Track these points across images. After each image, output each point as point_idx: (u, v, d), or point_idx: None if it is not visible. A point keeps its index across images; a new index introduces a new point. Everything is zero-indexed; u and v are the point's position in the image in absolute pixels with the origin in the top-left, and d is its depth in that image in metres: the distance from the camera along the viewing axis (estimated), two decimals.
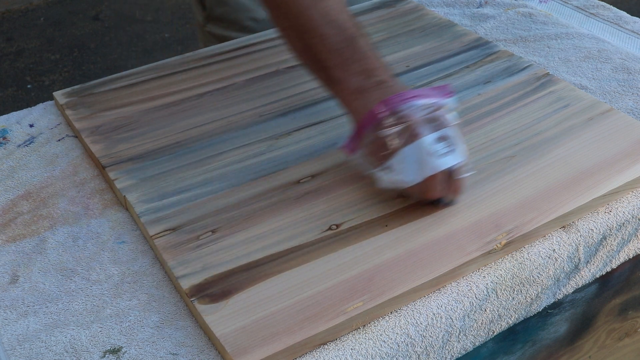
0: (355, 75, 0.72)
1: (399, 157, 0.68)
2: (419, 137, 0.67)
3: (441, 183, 0.69)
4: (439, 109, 0.69)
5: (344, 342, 0.61)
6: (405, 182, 0.69)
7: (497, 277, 0.68)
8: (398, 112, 0.68)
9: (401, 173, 0.68)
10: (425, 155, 0.67)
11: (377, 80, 0.72)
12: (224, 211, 0.72)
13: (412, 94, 0.69)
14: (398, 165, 0.68)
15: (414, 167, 0.68)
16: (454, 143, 0.69)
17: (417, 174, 0.68)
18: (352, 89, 0.72)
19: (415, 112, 0.68)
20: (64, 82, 2.69)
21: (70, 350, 0.60)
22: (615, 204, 0.76)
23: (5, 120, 0.89)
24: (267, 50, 1.00)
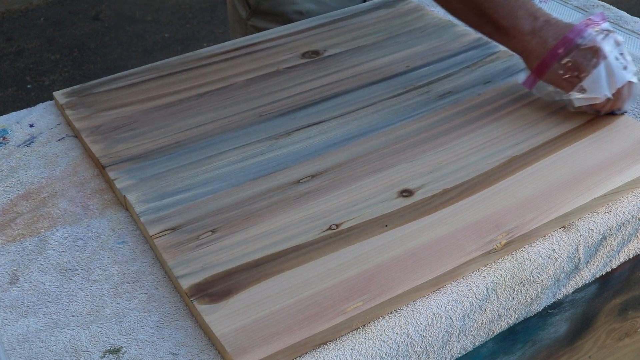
0: (523, 20, 0.83)
1: (592, 77, 0.80)
2: (605, 57, 0.80)
3: (627, 92, 0.82)
4: (609, 31, 0.82)
5: (344, 342, 0.61)
6: (601, 97, 0.81)
7: (497, 277, 0.68)
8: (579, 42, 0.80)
9: (596, 90, 0.80)
10: (616, 69, 0.80)
11: (544, 20, 0.83)
12: (224, 211, 0.73)
13: (582, 25, 0.81)
14: (592, 85, 0.80)
15: (607, 83, 0.80)
16: (627, 57, 0.82)
17: (611, 88, 0.80)
18: (525, 32, 0.83)
19: (593, 37, 0.80)
20: (64, 82, 2.69)
21: (70, 350, 0.60)
22: (615, 204, 0.76)
23: (5, 120, 0.89)
24: (267, 50, 1.00)
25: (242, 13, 1.21)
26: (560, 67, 0.81)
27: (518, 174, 0.76)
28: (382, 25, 1.06)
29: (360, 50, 1.00)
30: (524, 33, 0.83)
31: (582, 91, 0.81)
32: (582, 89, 0.81)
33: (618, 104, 0.83)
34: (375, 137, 0.82)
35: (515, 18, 0.83)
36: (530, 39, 0.83)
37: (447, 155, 0.79)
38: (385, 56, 0.98)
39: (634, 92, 0.83)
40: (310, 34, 1.04)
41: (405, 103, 0.88)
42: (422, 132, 0.83)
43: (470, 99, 0.89)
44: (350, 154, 0.80)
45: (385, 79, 0.93)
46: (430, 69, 0.95)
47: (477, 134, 0.83)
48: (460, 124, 0.84)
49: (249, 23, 1.20)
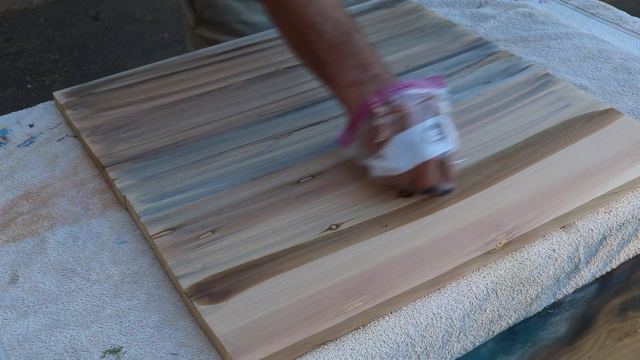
0: (351, 70, 0.74)
1: (391, 144, 0.69)
2: (411, 125, 0.69)
3: (433, 170, 0.70)
4: (431, 98, 0.71)
5: (344, 342, 0.61)
6: (397, 169, 0.70)
7: (497, 277, 0.68)
8: (391, 102, 0.70)
9: (393, 160, 0.70)
10: (417, 142, 0.69)
11: (372, 74, 0.73)
12: (224, 211, 0.72)
13: (404, 84, 0.71)
14: (391, 153, 0.70)
15: (407, 154, 0.69)
16: (446, 131, 0.71)
17: (409, 161, 0.69)
18: (348, 83, 0.74)
19: (407, 101, 0.70)
20: (64, 82, 2.69)
21: (70, 350, 0.60)
22: (615, 204, 0.76)
23: (5, 120, 0.89)
24: (267, 50, 1.00)
25: (190, 21, 1.17)
26: (367, 127, 0.71)
27: (518, 174, 0.76)
28: (382, 25, 1.06)
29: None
30: (346, 84, 0.73)
31: (379, 158, 0.71)
32: (380, 156, 0.70)
33: (424, 181, 0.70)
34: None
35: (343, 66, 0.74)
36: (350, 92, 0.73)
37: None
38: (385, 56, 0.98)
39: (449, 172, 0.71)
40: None
41: None
42: None
43: (470, 99, 0.89)
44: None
45: None
46: (430, 69, 0.95)
47: (477, 134, 0.83)
48: (460, 124, 0.84)
49: (196, 32, 1.16)
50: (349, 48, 0.74)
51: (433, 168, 0.70)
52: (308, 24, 0.75)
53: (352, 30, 0.76)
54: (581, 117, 0.85)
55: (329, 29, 0.75)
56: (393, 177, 0.71)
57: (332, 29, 0.75)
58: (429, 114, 0.70)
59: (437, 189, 0.72)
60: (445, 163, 0.71)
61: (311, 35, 0.75)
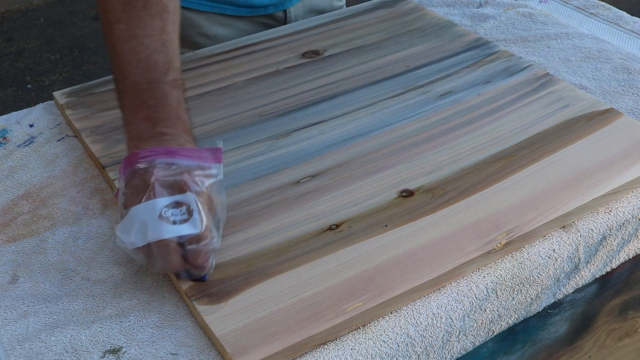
0: (141, 122, 0.67)
1: (128, 215, 0.62)
2: (150, 197, 0.61)
3: (172, 254, 0.61)
4: (189, 172, 0.63)
5: (344, 342, 0.61)
6: (125, 244, 0.62)
7: (497, 277, 0.68)
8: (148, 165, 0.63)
9: (126, 233, 0.61)
10: (152, 217, 0.60)
11: (159, 131, 0.66)
12: None
13: (173, 151, 0.64)
14: (125, 224, 0.62)
15: (139, 228, 0.61)
16: (193, 212, 0.61)
17: (139, 237, 0.61)
18: (133, 135, 0.67)
19: (162, 169, 0.62)
20: (64, 82, 2.69)
21: (70, 350, 0.60)
22: (615, 204, 0.76)
23: (5, 120, 0.89)
24: (267, 50, 1.00)
25: None
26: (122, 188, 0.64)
27: (518, 174, 0.76)
28: (382, 25, 1.06)
29: (360, 50, 1.00)
30: (131, 136, 0.67)
31: (118, 227, 0.63)
32: (119, 225, 0.63)
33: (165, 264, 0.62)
34: (375, 137, 0.82)
35: (135, 115, 0.67)
36: (131, 145, 0.66)
37: (447, 155, 0.79)
38: (385, 56, 0.98)
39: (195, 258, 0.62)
40: (310, 34, 1.04)
41: (405, 103, 0.88)
42: (422, 132, 0.83)
43: (470, 99, 0.89)
44: (350, 154, 0.80)
45: (385, 79, 0.93)
46: (430, 69, 0.95)
47: (477, 134, 0.83)
48: (460, 124, 0.84)
49: None
50: (149, 98, 0.67)
51: (170, 251, 0.61)
52: (119, 62, 0.69)
53: (161, 80, 0.68)
54: (581, 117, 0.85)
55: (137, 72, 0.68)
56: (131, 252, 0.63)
57: (140, 73, 0.68)
58: (177, 190, 0.62)
59: (187, 275, 0.64)
60: (190, 247, 0.61)
61: (119, 75, 0.69)
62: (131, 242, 0.61)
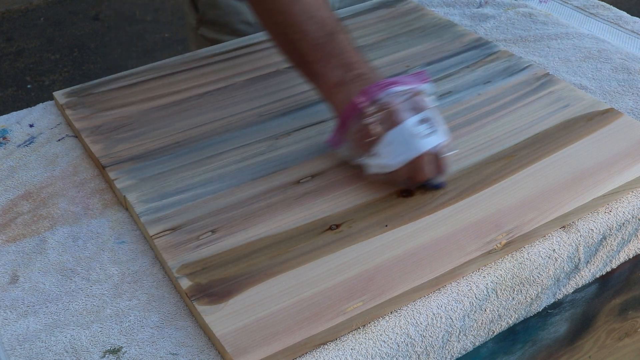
0: (335, 69, 0.74)
1: (384, 142, 0.70)
2: (400, 121, 0.70)
3: (427, 164, 0.71)
4: (417, 94, 0.72)
5: (344, 342, 0.61)
6: (392, 165, 0.71)
7: (497, 277, 0.68)
8: (378, 100, 0.71)
9: (387, 157, 0.70)
10: (409, 137, 0.69)
11: (356, 73, 0.74)
12: (224, 211, 0.72)
13: (389, 82, 0.72)
14: (384, 150, 0.70)
15: (400, 150, 0.70)
16: (436, 124, 0.71)
17: (403, 156, 0.70)
18: (332, 83, 0.74)
19: (394, 98, 0.71)
20: (64, 82, 2.69)
21: (70, 350, 0.60)
22: (615, 204, 0.76)
23: (5, 120, 0.89)
24: (267, 50, 1.00)
25: (192, 22, 1.18)
26: (357, 126, 0.72)
27: (518, 174, 0.76)
28: (382, 25, 1.06)
29: (360, 50, 1.00)
30: (332, 83, 0.74)
31: (374, 156, 0.71)
32: (374, 154, 0.71)
33: (420, 175, 0.71)
34: None
35: (327, 66, 0.75)
36: (336, 91, 0.74)
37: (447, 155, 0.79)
38: (385, 56, 0.98)
39: (442, 164, 0.72)
40: None
41: None
42: None
43: (470, 99, 0.89)
44: None
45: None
46: (430, 68, 0.95)
47: (477, 134, 0.83)
48: (460, 124, 0.84)
49: (199, 32, 1.17)
50: (332, 47, 0.75)
51: (427, 162, 0.71)
52: (292, 23, 0.76)
53: (336, 30, 0.76)
54: (581, 117, 0.85)
55: (313, 28, 0.75)
56: (388, 173, 0.72)
57: (317, 29, 0.75)
58: (416, 109, 0.71)
59: (431, 183, 0.73)
60: (438, 156, 0.72)
61: (295, 34, 0.76)
62: (396, 164, 0.70)
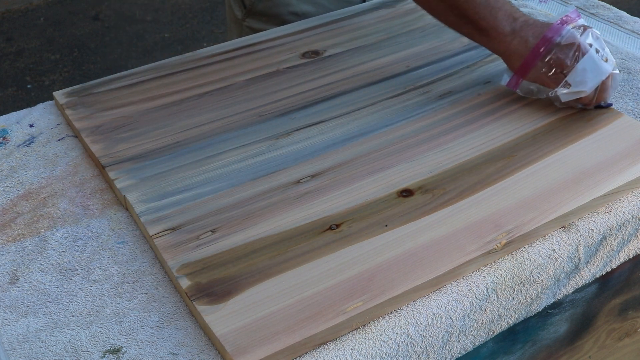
0: (503, 21, 0.85)
1: (575, 72, 0.82)
2: (585, 52, 0.82)
3: (608, 83, 0.83)
4: (585, 28, 0.84)
5: (344, 342, 0.61)
6: (587, 90, 0.82)
7: (497, 277, 0.68)
8: (559, 40, 0.82)
9: (581, 84, 0.82)
10: (598, 63, 0.82)
11: (523, 21, 0.85)
12: (224, 211, 0.73)
13: (560, 23, 0.84)
14: (576, 79, 0.82)
15: (591, 76, 0.82)
16: (606, 50, 0.84)
17: (594, 81, 0.82)
18: (505, 33, 0.85)
19: (571, 34, 0.82)
20: (64, 82, 2.69)
21: (70, 350, 0.60)
22: (615, 204, 0.76)
23: (5, 120, 0.89)
24: (267, 50, 1.00)
25: (237, 13, 1.21)
26: (543, 65, 0.83)
27: (518, 174, 0.76)
28: (382, 25, 1.06)
29: (360, 50, 1.00)
30: (505, 34, 0.85)
31: (567, 86, 0.83)
32: (567, 84, 0.82)
33: (603, 95, 0.84)
34: (375, 137, 0.82)
35: (495, 19, 0.85)
36: (510, 40, 0.84)
37: (447, 155, 0.79)
38: (385, 56, 0.98)
39: (615, 83, 0.85)
40: (310, 34, 1.04)
41: (405, 103, 0.88)
42: (422, 132, 0.83)
43: (470, 99, 0.89)
44: (350, 154, 0.80)
45: (385, 79, 0.93)
46: (430, 69, 0.95)
47: (477, 134, 0.83)
48: (460, 124, 0.84)
49: (245, 24, 1.20)
50: (495, 2, 0.85)
51: (609, 81, 0.83)
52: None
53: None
54: (581, 117, 0.85)
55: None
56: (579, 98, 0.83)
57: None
58: (592, 39, 0.83)
59: (605, 103, 0.85)
60: (612, 76, 0.83)
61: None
62: (590, 87, 0.82)
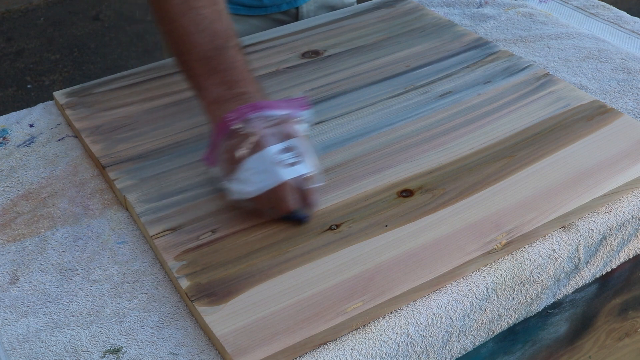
0: (217, 86, 0.72)
1: (244, 166, 0.68)
2: (263, 147, 0.67)
3: (291, 194, 0.68)
4: (287, 121, 0.69)
5: (344, 342, 0.61)
6: (249, 192, 0.68)
7: (497, 277, 0.68)
8: (245, 122, 0.68)
9: (246, 183, 0.68)
10: (269, 165, 0.67)
11: (238, 92, 0.71)
12: (224, 211, 0.72)
13: (262, 105, 0.69)
14: (244, 175, 0.68)
15: (259, 177, 0.67)
16: (302, 154, 0.69)
17: (261, 184, 0.67)
18: (212, 99, 0.72)
19: (261, 122, 0.68)
20: (64, 82, 2.69)
21: (70, 350, 0.60)
22: (615, 204, 0.76)
23: (5, 120, 0.89)
24: (267, 50, 1.00)
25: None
26: (223, 148, 0.69)
27: (518, 174, 0.76)
28: (382, 25, 1.06)
29: (360, 50, 1.00)
30: (210, 100, 0.72)
31: (235, 181, 0.69)
32: (235, 179, 0.69)
33: (283, 206, 0.69)
34: (375, 137, 0.82)
35: (209, 81, 0.72)
36: (213, 109, 0.72)
37: (447, 155, 0.79)
38: (385, 56, 0.98)
39: (308, 196, 0.69)
40: (310, 34, 1.04)
41: (405, 103, 0.88)
42: (422, 132, 0.83)
43: (470, 99, 0.89)
44: (350, 154, 0.80)
45: (385, 79, 0.93)
46: (430, 69, 0.95)
47: (477, 134, 0.83)
48: (460, 124, 0.84)
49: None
50: (219, 63, 0.72)
51: (289, 192, 0.68)
52: (182, 34, 0.74)
53: (226, 46, 0.73)
54: (581, 117, 0.85)
55: (202, 41, 0.73)
56: (250, 200, 0.69)
57: (206, 42, 0.73)
58: (283, 137, 0.68)
59: (296, 215, 0.70)
60: (302, 187, 0.69)
61: (184, 46, 0.74)
62: (253, 191, 0.67)
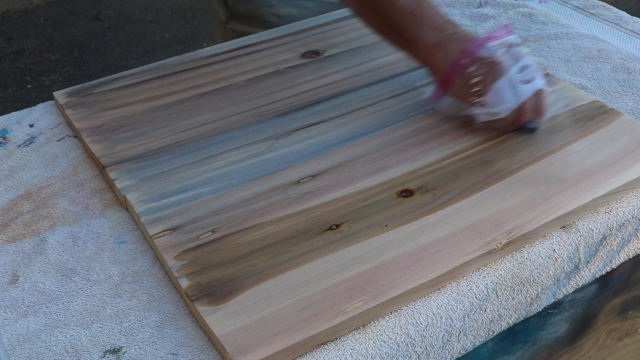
0: (429, 32, 0.81)
1: (492, 91, 0.78)
2: (504, 71, 0.77)
3: (530, 107, 0.79)
4: (512, 45, 0.79)
5: (344, 342, 0.61)
6: (502, 112, 0.79)
7: (497, 277, 0.68)
8: (480, 55, 0.78)
9: (498, 105, 0.78)
10: (515, 84, 0.77)
11: (449, 34, 0.81)
12: (224, 211, 0.73)
13: (485, 38, 0.79)
14: (493, 99, 0.78)
15: (508, 98, 0.78)
16: (534, 69, 0.79)
17: (511, 103, 0.78)
18: (429, 45, 0.81)
19: (494, 51, 0.78)
20: (64, 82, 2.69)
21: (70, 350, 0.60)
22: (615, 204, 0.76)
23: (5, 120, 0.89)
24: (267, 50, 1.00)
25: (221, 16, 1.20)
26: (462, 81, 0.79)
27: (518, 174, 0.76)
28: None
29: (360, 50, 1.00)
30: (428, 45, 0.81)
31: (483, 106, 0.79)
32: (483, 104, 0.79)
33: (524, 118, 0.80)
34: (375, 137, 0.82)
35: (421, 30, 0.81)
36: (434, 52, 0.81)
37: (447, 155, 0.79)
38: (385, 56, 0.98)
39: (543, 107, 0.80)
40: (310, 34, 1.04)
41: (405, 103, 0.88)
42: (422, 132, 0.83)
43: None
44: (350, 154, 0.80)
45: (385, 79, 0.93)
46: None
47: (477, 134, 0.83)
48: (461, 124, 0.84)
49: (228, 26, 1.18)
50: (422, 12, 0.82)
51: (531, 105, 0.79)
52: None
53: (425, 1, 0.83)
54: (581, 117, 0.85)
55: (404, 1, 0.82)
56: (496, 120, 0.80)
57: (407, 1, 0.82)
58: (515, 59, 0.78)
59: (529, 126, 0.81)
60: (539, 98, 0.79)
61: (386, 7, 0.83)
62: (506, 109, 0.78)
